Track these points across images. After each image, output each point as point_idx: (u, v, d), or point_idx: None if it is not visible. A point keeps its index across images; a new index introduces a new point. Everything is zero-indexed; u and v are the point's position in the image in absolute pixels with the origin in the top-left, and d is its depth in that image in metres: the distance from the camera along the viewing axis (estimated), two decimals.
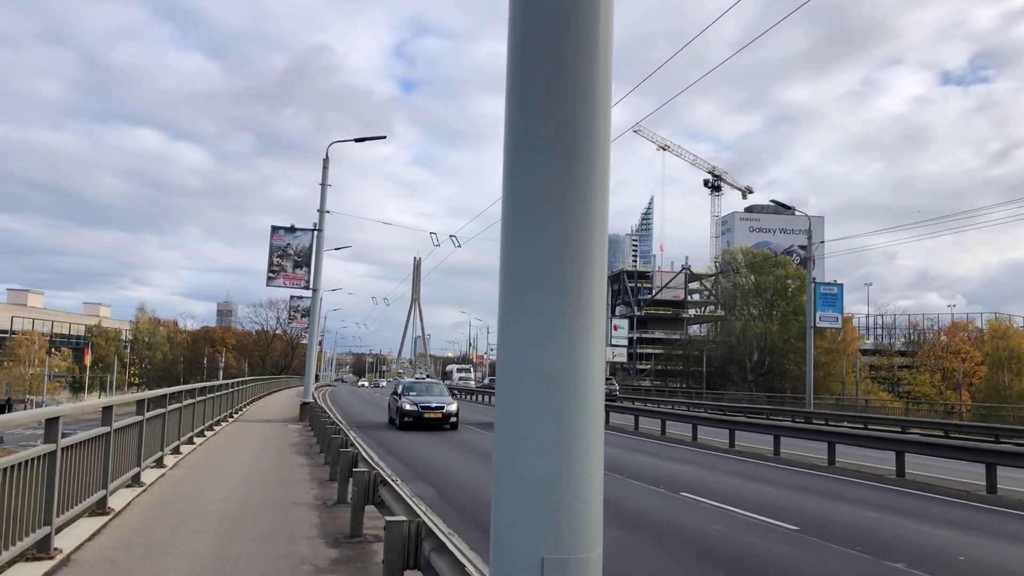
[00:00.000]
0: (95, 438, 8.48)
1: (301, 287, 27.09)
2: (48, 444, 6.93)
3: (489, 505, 2.22)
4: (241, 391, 30.31)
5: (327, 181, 27.09)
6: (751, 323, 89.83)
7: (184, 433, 15.39)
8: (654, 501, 12.60)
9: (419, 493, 12.52)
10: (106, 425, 8.90)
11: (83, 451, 8.04)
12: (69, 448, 7.50)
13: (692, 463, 18.33)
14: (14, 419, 9.71)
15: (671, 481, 14.58)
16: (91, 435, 8.31)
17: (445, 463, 17.24)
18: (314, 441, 18.80)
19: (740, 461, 19.21)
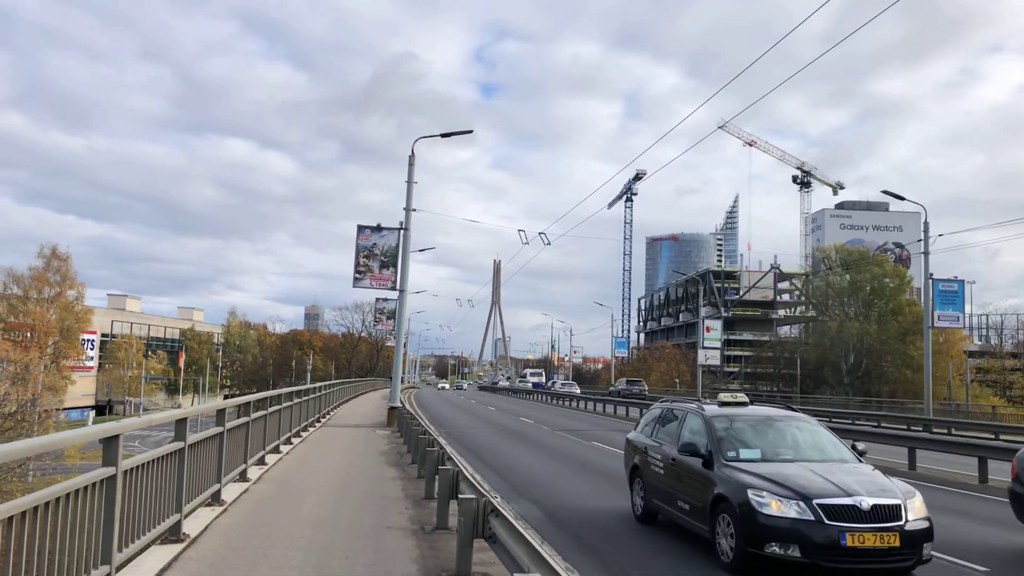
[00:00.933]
0: (165, 456, 7.34)
1: (387, 287, 26.12)
2: (108, 467, 5.69)
3: (608, 530, 0.97)
4: (328, 395, 29.62)
5: (413, 179, 26.08)
6: (847, 324, 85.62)
7: (270, 442, 14.40)
8: None
9: (522, 513, 11.13)
10: (180, 440, 7.79)
11: (151, 472, 6.85)
12: (134, 470, 6.31)
13: None
14: (79, 433, 8.80)
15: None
16: (159, 453, 7.16)
17: (545, 476, 15.80)
18: (404, 449, 17.66)
19: None
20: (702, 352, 53.86)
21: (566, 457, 19.23)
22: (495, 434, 25.31)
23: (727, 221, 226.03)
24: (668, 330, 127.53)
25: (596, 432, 27.00)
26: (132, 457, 6.39)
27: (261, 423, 13.25)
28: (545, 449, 21.10)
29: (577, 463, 18.07)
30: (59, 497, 4.74)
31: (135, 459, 6.42)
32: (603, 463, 18.04)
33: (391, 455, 16.88)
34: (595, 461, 18.47)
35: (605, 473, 16.27)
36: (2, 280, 77.10)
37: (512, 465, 17.31)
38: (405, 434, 19.29)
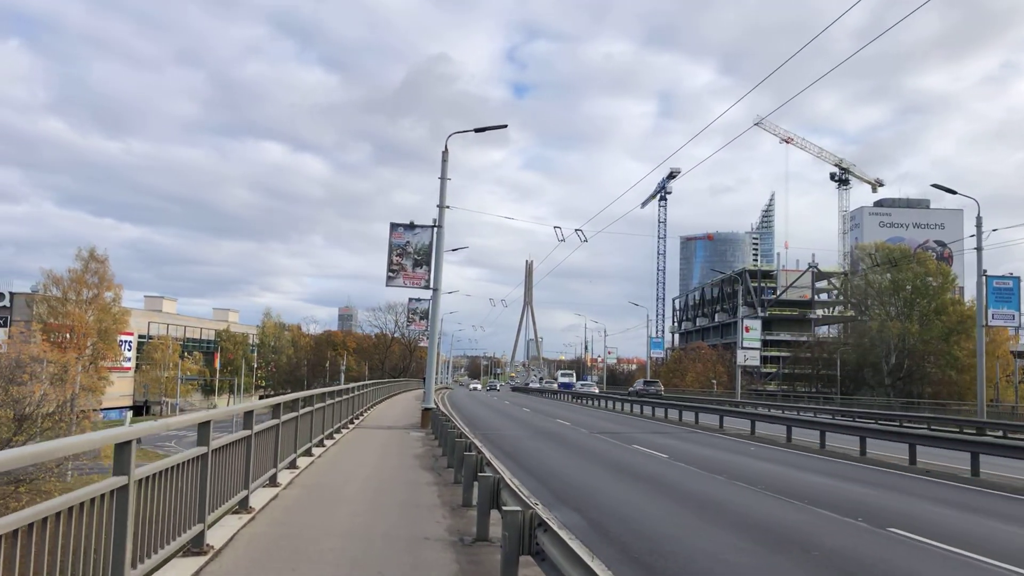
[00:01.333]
0: (186, 463, 6.73)
1: (421, 286, 25.61)
2: (119, 477, 5.16)
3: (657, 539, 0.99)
4: (361, 395, 29.19)
5: (446, 175, 25.53)
6: (888, 323, 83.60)
7: (301, 445, 13.89)
8: (859, 540, 10.07)
9: (566, 522, 10.46)
10: (202, 445, 7.25)
11: (169, 481, 6.29)
12: (150, 479, 5.78)
13: (880, 485, 15.52)
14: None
15: (870, 511, 11.96)
16: (178, 460, 6.58)
17: (587, 481, 15.11)
18: (439, 452, 17.08)
19: (933, 483, 16.23)
20: (741, 353, 52.67)
21: (607, 461, 18.51)
22: (532, 437, 24.68)
23: (763, 220, 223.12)
24: (703, 330, 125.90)
25: (636, 435, 26.24)
26: (147, 465, 5.82)
27: (292, 425, 12.74)
28: (584, 452, 20.40)
29: (619, 467, 17.35)
30: (61, 512, 4.23)
31: (151, 467, 5.88)
32: (647, 467, 17.31)
33: (426, 459, 16.31)
34: (638, 465, 17.75)
35: (649, 478, 15.56)
36: (42, 282, 78.34)
37: (552, 469, 16.64)
38: (440, 436, 18.74)
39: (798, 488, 14.30)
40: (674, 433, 27.52)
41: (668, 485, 14.75)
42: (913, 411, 52.64)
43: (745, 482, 14.94)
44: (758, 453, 21.32)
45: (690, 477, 15.82)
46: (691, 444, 23.34)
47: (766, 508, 12.32)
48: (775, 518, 11.49)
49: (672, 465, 17.74)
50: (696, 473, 16.36)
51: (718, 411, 30.20)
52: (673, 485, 14.78)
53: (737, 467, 17.53)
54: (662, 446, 22.07)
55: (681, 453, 20.24)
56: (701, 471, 16.61)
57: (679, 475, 16.10)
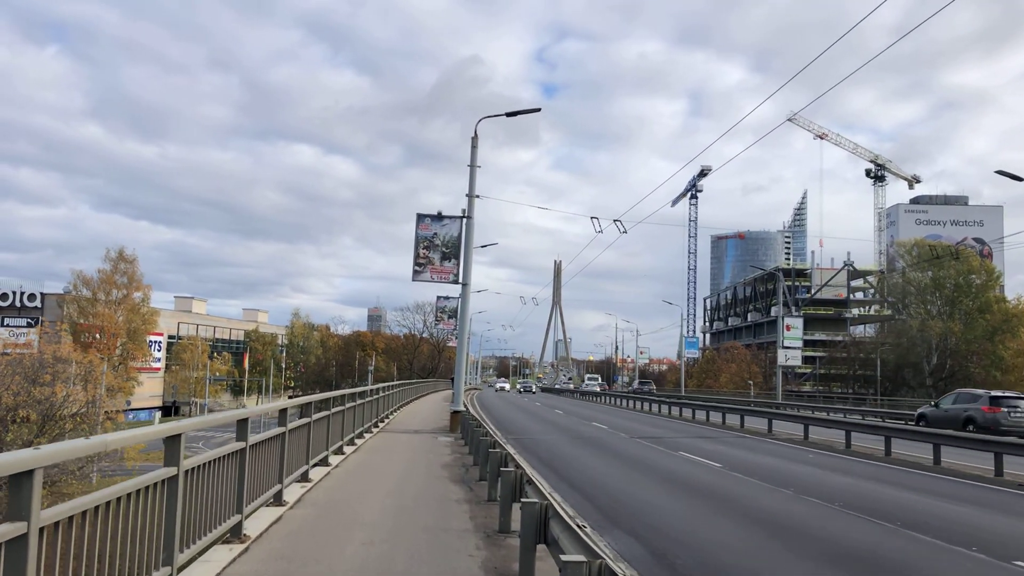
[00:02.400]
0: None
1: (449, 281, 23.90)
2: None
3: None
4: (388, 397, 27.59)
5: (476, 162, 23.82)
6: (929, 322, 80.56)
7: (316, 453, 12.24)
8: None
9: (623, 552, 8.68)
10: (171, 466, 5.57)
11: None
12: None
13: (978, 503, 13.51)
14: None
15: (984, 539, 10.01)
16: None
17: (637, 496, 13.29)
18: (470, 461, 15.36)
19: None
20: (782, 352, 50.36)
21: (655, 471, 16.65)
22: (569, 442, 22.87)
23: (795, 218, 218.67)
24: (736, 330, 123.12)
25: (680, 440, 24.32)
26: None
27: (302, 434, 11.07)
28: (629, 461, 18.54)
29: (670, 479, 15.49)
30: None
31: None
32: (701, 479, 15.43)
33: (455, 468, 14.58)
34: (690, 476, 15.87)
35: (707, 492, 13.69)
36: (72, 282, 77.93)
37: (596, 481, 14.82)
38: (470, 442, 17.04)
39: (883, 506, 12.36)
40: (720, 438, 25.56)
41: (730, 501, 12.88)
42: None
43: (818, 497, 13.02)
44: (819, 461, 19.32)
45: (752, 491, 13.93)
46: (742, 451, 21.40)
47: (855, 532, 10.42)
48: (868, 546, 9.59)
49: (728, 476, 15.85)
50: (757, 486, 14.46)
51: (766, 414, 28.15)
52: (735, 500, 12.91)
53: (802, 479, 15.59)
54: (712, 453, 20.16)
55: (734, 461, 18.33)
56: (762, 483, 14.71)
57: (739, 488, 14.21)
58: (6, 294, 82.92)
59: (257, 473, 7.75)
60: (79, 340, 74.72)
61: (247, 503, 7.46)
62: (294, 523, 8.84)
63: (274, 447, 9.15)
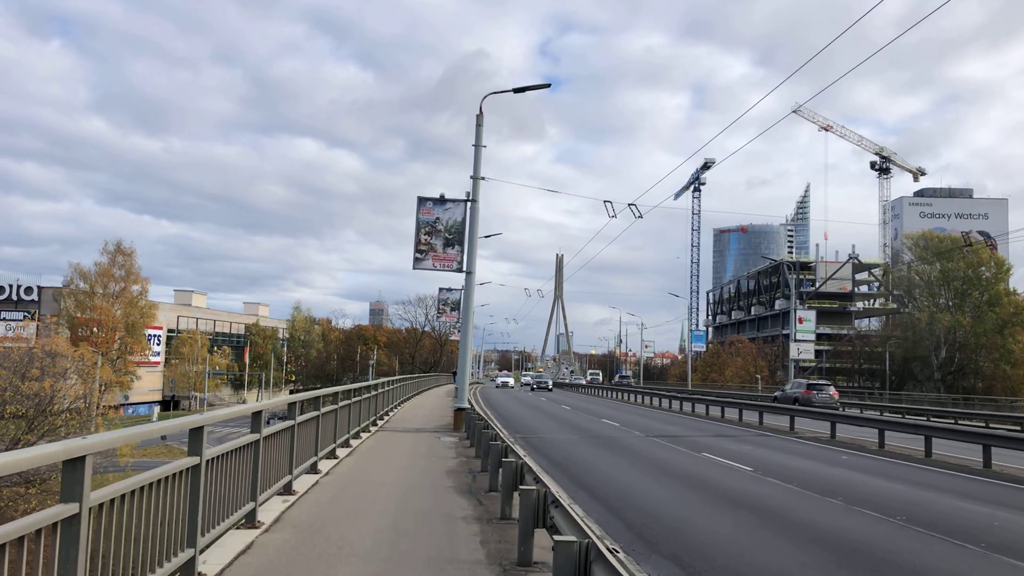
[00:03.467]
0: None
1: (452, 269, 22.12)
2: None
3: None
4: (387, 393, 25.88)
5: (481, 142, 22.06)
6: (937, 316, 78.77)
7: (301, 461, 10.51)
8: None
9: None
10: (195, 455, 3.91)
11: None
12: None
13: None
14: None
15: None
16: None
17: (669, 509, 11.56)
18: (477, 466, 13.65)
19: None
20: (794, 346, 48.59)
21: (683, 477, 14.91)
22: (583, 442, 21.13)
23: (798, 211, 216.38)
24: (739, 324, 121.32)
25: (699, 439, 22.57)
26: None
27: (282, 440, 9.33)
28: (650, 464, 16.80)
29: (700, 486, 13.76)
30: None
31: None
32: (734, 485, 13.68)
33: (461, 475, 12.86)
34: (721, 482, 14.14)
35: (745, 502, 11.94)
36: (69, 276, 76.19)
37: (620, 490, 13.09)
38: (476, 443, 15.34)
39: (954, 521, 10.63)
40: (741, 437, 23.82)
41: (776, 514, 11.16)
42: (973, 408, 48.17)
43: (875, 509, 11.29)
44: (856, 464, 17.59)
45: (796, 501, 12.20)
46: (769, 451, 19.66)
47: (934, 556, 8.71)
48: None
49: (764, 482, 14.11)
50: (800, 495, 12.73)
51: (787, 411, 26.40)
52: (782, 513, 11.18)
53: (847, 485, 13.85)
54: (738, 454, 18.43)
55: (765, 464, 16.59)
56: (805, 491, 12.98)
57: (781, 497, 12.48)
58: (3, 287, 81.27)
59: (218, 493, 6.43)
60: (77, 334, 73.17)
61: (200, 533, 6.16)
62: (265, 554, 7.10)
63: (245, 458, 7.42)
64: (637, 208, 25.36)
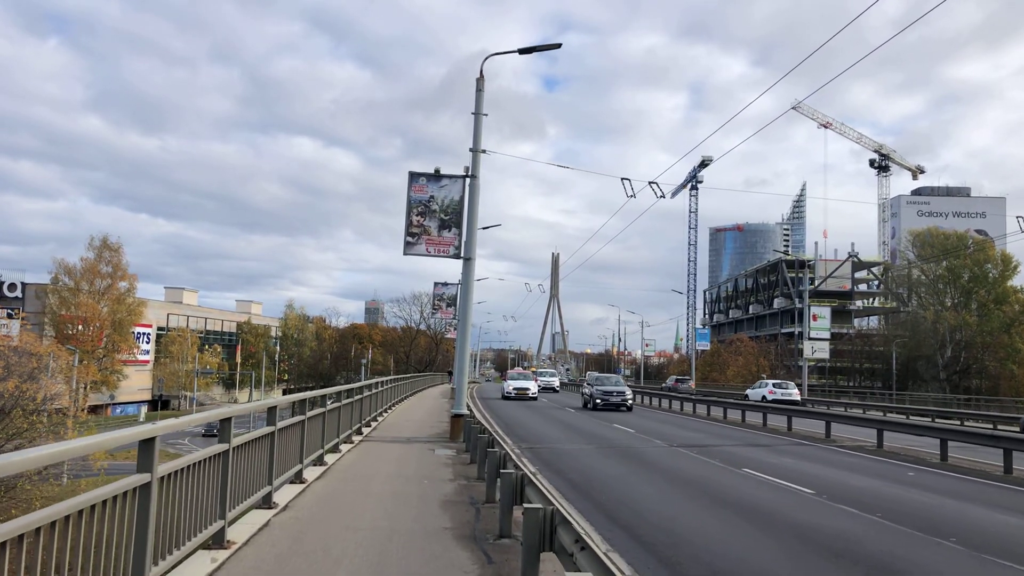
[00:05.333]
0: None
1: (449, 255, 18.99)
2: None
3: None
4: (379, 395, 22.81)
5: (482, 110, 18.97)
6: (943, 314, 75.95)
7: (252, 491, 7.44)
8: None
9: None
10: None
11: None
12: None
13: None
14: None
15: None
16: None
17: (748, 555, 8.48)
18: (480, 493, 10.61)
19: None
20: (808, 344, 45.60)
21: (737, 505, 11.81)
22: (600, 454, 18.04)
23: (794, 210, 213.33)
24: (737, 322, 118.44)
25: (730, 449, 19.49)
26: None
27: (248, 452, 6.34)
28: (693, 486, 13.71)
29: (766, 520, 10.65)
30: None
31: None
32: (801, 517, 10.59)
33: (461, 508, 9.77)
34: (789, 514, 11.07)
35: (835, 546, 8.81)
36: (54, 272, 72.84)
37: (670, 529, 10.00)
38: (480, 462, 12.31)
39: None
40: (776, 446, 20.77)
41: (886, 568, 8.09)
42: (981, 409, 45.26)
43: (1016, 561, 8.28)
44: (930, 483, 14.54)
45: (898, 543, 9.13)
46: (818, 465, 16.62)
47: None
48: None
49: (839, 512, 11.06)
50: (896, 532, 9.68)
51: (823, 416, 23.36)
52: (895, 568, 8.12)
53: (947, 518, 10.82)
54: (783, 470, 15.38)
55: (825, 485, 13.55)
56: (898, 527, 9.93)
57: (879, 539, 9.40)
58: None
59: None
60: (64, 332, 69.83)
61: None
62: None
63: None
64: (659, 187, 22.36)
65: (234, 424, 6.75)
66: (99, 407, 73.89)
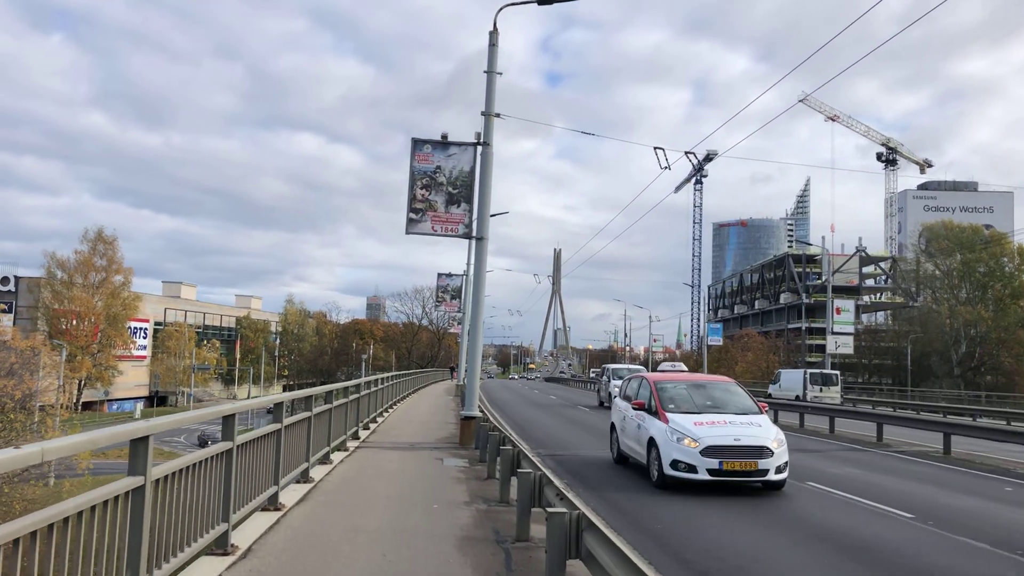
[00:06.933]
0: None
1: (458, 233, 16.41)
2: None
3: None
4: (379, 392, 20.26)
5: (495, 67, 16.39)
6: (957, 309, 73.34)
7: (210, 525, 4.95)
8: None
9: None
10: None
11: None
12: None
13: None
14: None
15: None
16: None
17: None
18: (504, 523, 8.07)
19: None
20: (832, 339, 43.04)
21: (826, 534, 9.23)
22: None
23: (798, 205, 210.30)
24: (742, 318, 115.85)
25: None
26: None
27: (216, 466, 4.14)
28: (757, 508, 11.14)
29: (874, 558, 8.10)
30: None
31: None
32: (918, 555, 8.07)
33: (483, 547, 7.20)
34: (895, 547, 8.52)
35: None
36: (46, 265, 70.31)
37: (746, 567, 7.45)
38: (502, 480, 9.77)
39: None
40: (829, 452, 18.18)
41: None
42: (1003, 406, 42.76)
43: None
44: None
45: None
46: (891, 478, 14.05)
47: None
48: None
49: (959, 545, 8.52)
50: None
51: (874, 417, 20.81)
52: None
53: None
54: (860, 485, 12.78)
55: (919, 504, 11.01)
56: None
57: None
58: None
59: None
60: (56, 326, 67.30)
61: None
62: None
63: None
64: (695, 155, 19.91)
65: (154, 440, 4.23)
66: (93, 403, 71.37)
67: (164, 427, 4.71)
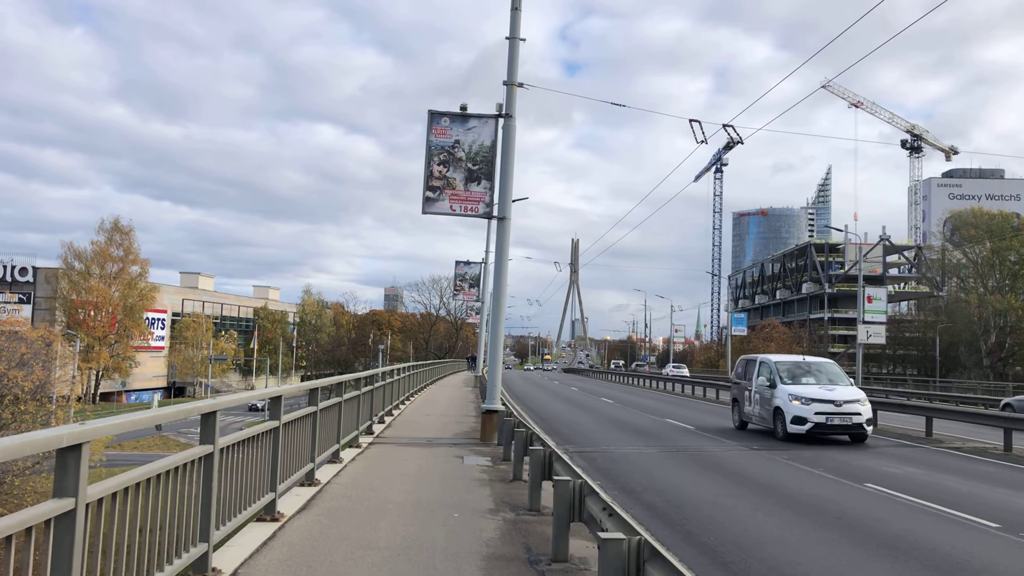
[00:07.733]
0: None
1: (478, 213, 15.18)
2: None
3: None
4: (395, 383, 19.17)
5: (518, 33, 15.12)
6: (987, 298, 71.28)
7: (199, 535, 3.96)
8: None
9: None
10: None
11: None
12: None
13: None
14: None
15: None
16: None
17: None
18: (536, 537, 6.88)
19: None
20: (863, 328, 41.46)
21: (902, 546, 7.97)
22: (672, 462, 14.25)
23: (819, 194, 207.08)
24: (763, 308, 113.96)
25: (828, 454, 15.59)
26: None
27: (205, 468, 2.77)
28: (819, 512, 9.87)
29: (954, 569, 6.85)
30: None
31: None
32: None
33: (514, 567, 6.02)
34: (976, 560, 7.25)
35: None
36: (63, 256, 69.92)
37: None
38: (531, 485, 8.57)
39: None
40: (878, 448, 16.76)
41: None
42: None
43: None
44: None
45: None
46: (957, 479, 12.71)
47: None
48: None
49: None
50: None
51: (922, 410, 19.37)
52: None
53: None
54: (924, 488, 11.48)
55: (998, 511, 9.72)
56: None
57: None
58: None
59: None
60: (74, 317, 66.90)
61: None
62: None
63: None
64: (735, 129, 18.70)
65: None
66: (111, 394, 71.02)
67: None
